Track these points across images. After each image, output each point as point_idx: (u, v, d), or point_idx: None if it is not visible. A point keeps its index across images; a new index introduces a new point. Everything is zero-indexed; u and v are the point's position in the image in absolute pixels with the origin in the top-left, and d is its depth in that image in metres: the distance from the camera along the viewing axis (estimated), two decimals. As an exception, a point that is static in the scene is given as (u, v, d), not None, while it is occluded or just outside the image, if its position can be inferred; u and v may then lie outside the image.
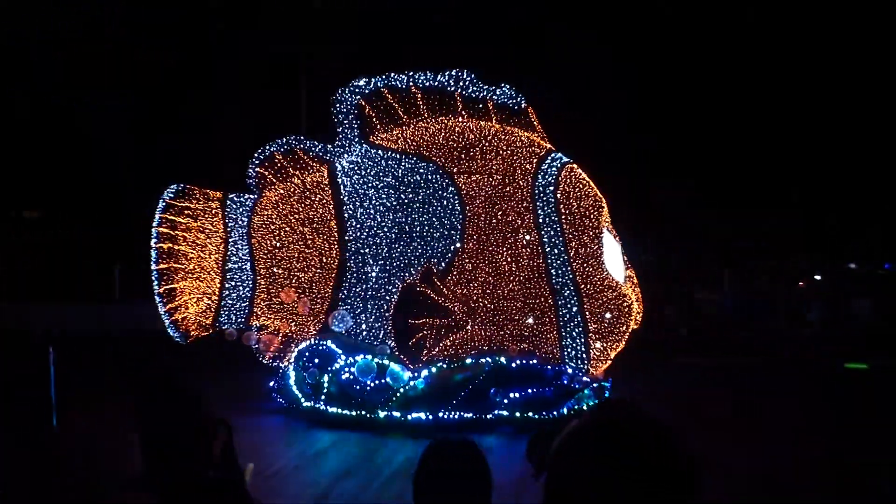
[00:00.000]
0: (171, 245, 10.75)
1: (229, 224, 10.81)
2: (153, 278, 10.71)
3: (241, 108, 26.84)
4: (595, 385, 10.04)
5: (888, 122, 24.34)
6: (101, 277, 23.44)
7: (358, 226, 10.11)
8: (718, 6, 26.27)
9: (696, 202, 26.36)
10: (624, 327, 9.98)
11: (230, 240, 10.78)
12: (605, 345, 9.86)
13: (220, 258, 10.79)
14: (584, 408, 9.93)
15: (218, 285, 10.80)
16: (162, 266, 10.72)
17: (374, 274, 9.89)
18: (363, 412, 9.76)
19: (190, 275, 10.82)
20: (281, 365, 10.58)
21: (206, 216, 10.86)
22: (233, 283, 10.77)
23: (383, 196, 10.06)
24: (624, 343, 10.09)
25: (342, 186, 10.29)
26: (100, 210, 26.95)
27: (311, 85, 26.26)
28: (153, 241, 10.71)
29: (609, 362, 10.04)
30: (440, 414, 9.56)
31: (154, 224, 10.78)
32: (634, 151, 25.21)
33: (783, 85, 25.75)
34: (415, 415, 9.61)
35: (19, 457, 8.19)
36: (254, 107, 26.31)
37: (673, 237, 25.63)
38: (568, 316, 9.64)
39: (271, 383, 10.79)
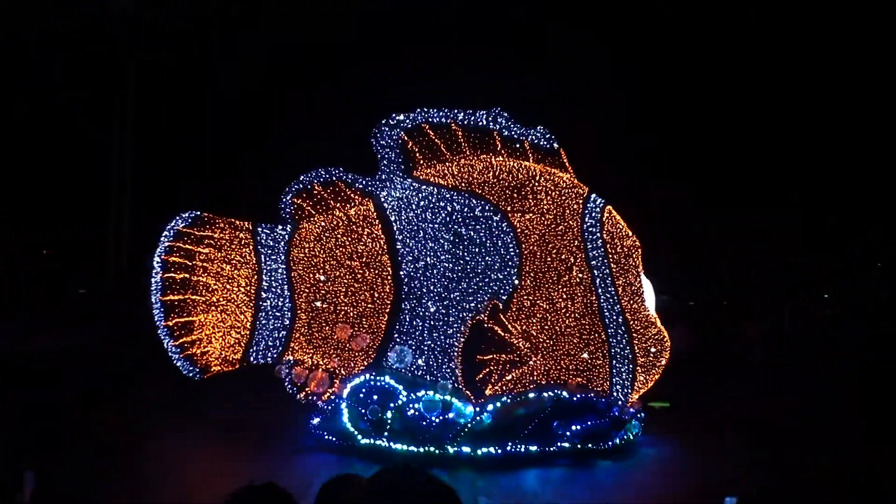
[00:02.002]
0: (186, 276, 10.10)
1: (262, 255, 10.29)
2: (158, 310, 9.97)
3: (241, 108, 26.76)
4: (637, 414, 10.42)
5: (888, 122, 24.61)
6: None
7: (413, 262, 9.95)
8: (718, 6, 26.43)
9: (696, 202, 26.61)
10: (663, 360, 10.30)
11: (264, 271, 10.26)
12: (646, 377, 10.22)
13: (253, 291, 10.23)
14: (631, 437, 10.27)
15: (250, 318, 10.22)
16: (173, 297, 10.02)
17: (431, 310, 9.84)
18: (432, 448, 9.70)
19: (213, 307, 10.18)
20: (319, 402, 10.09)
21: (234, 246, 10.32)
22: (268, 317, 10.22)
23: (439, 232, 9.99)
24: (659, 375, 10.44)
25: (394, 222, 10.12)
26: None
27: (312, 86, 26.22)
28: (158, 271, 10.01)
29: (640, 392, 10.36)
30: (508, 447, 9.68)
31: (159, 253, 10.07)
32: (634, 151, 25.38)
33: (783, 85, 25.96)
34: (484, 449, 9.63)
35: None
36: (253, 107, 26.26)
37: (672, 237, 25.84)
38: (618, 350, 9.92)
39: (314, 420, 10.26)
